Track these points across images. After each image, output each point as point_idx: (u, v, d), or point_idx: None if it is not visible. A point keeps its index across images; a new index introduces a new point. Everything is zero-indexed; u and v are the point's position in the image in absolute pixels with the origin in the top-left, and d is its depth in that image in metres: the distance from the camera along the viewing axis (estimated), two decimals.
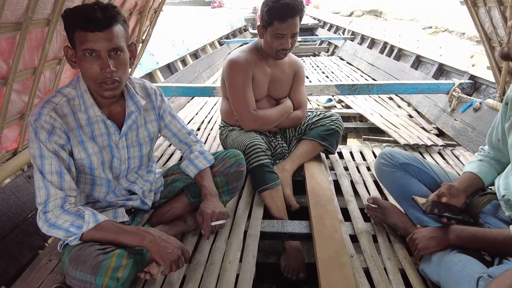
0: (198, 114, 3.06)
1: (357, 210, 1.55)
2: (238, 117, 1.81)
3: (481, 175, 1.28)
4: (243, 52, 1.79)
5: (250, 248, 1.33)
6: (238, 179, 1.46)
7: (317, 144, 1.90)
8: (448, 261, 1.03)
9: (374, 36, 4.93)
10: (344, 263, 1.18)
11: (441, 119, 2.60)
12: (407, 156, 1.40)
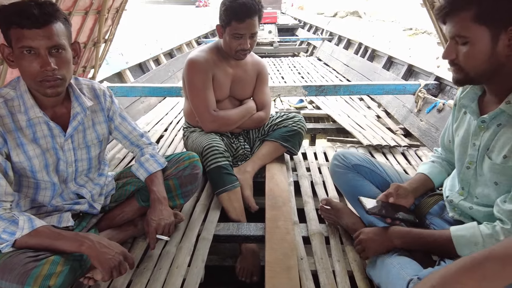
0: (168, 114, 3.02)
1: (313, 212, 1.54)
2: (198, 118, 1.78)
3: (431, 176, 1.30)
4: (203, 52, 1.77)
5: (200, 252, 1.30)
6: (193, 182, 1.44)
7: (279, 145, 1.89)
8: (388, 263, 1.03)
9: (350, 37, 4.98)
10: (292, 266, 1.17)
11: (408, 119, 2.63)
12: (359, 157, 1.41)
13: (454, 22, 0.90)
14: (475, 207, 1.05)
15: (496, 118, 0.95)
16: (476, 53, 0.89)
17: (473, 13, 0.86)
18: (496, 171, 0.97)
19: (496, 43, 0.86)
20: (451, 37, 0.93)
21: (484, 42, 0.87)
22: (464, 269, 0.65)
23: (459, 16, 0.88)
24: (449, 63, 0.96)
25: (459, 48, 0.92)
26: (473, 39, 0.88)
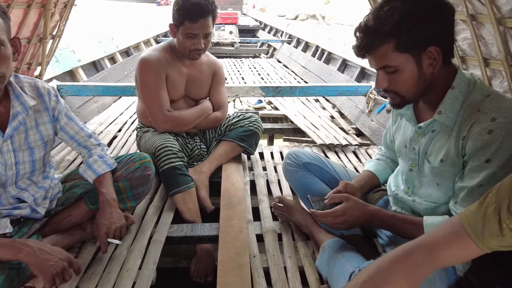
0: (123, 114, 2.93)
1: (267, 210, 1.57)
2: (151, 118, 1.75)
3: (377, 173, 1.37)
4: (156, 51, 1.74)
5: (152, 255, 1.28)
6: (144, 183, 1.40)
7: (235, 145, 1.90)
8: (334, 257, 1.08)
9: (308, 40, 5.11)
10: (244, 264, 1.18)
11: (360, 119, 2.76)
12: (310, 156, 1.46)
13: (377, 56, 0.93)
14: (418, 200, 1.13)
15: (430, 125, 1.02)
16: (406, 78, 0.93)
17: (393, 45, 0.89)
18: (436, 174, 1.03)
19: (421, 64, 0.91)
20: (378, 68, 0.96)
21: (411, 67, 0.91)
22: (397, 258, 0.70)
23: (381, 50, 0.91)
24: (384, 91, 0.99)
25: (389, 77, 0.95)
26: (400, 66, 0.91)
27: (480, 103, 0.91)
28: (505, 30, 1.13)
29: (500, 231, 0.61)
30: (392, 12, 0.87)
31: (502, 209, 0.61)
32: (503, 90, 1.31)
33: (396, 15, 0.86)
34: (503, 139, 0.86)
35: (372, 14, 0.90)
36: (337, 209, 1.09)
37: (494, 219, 0.62)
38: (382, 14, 0.88)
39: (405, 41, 0.88)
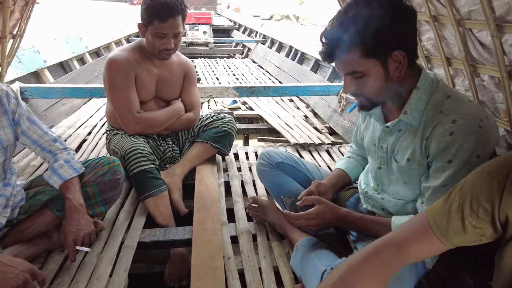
0: (92, 117, 2.84)
1: (242, 211, 1.56)
2: (120, 120, 1.70)
3: (348, 171, 1.39)
4: (124, 51, 1.69)
5: (123, 261, 1.24)
6: (114, 188, 1.36)
7: (209, 146, 1.88)
8: (308, 256, 1.08)
9: (281, 40, 5.15)
10: (217, 267, 1.17)
11: (333, 119, 2.80)
12: (282, 155, 1.46)
13: (344, 62, 0.93)
14: (387, 198, 1.15)
15: (396, 125, 1.04)
16: (373, 83, 0.94)
17: (359, 51, 0.89)
18: (403, 172, 1.06)
19: (387, 69, 0.93)
20: (345, 74, 0.96)
21: (378, 72, 0.93)
22: (366, 257, 0.71)
23: (347, 56, 0.91)
24: (352, 95, 1.01)
25: (356, 82, 0.96)
26: (367, 72, 0.92)
27: (441, 104, 0.95)
28: (464, 31, 1.18)
29: (463, 228, 0.63)
30: (357, 18, 0.87)
31: (465, 206, 0.63)
32: (464, 89, 1.36)
33: (361, 22, 0.87)
34: (463, 141, 0.89)
35: (337, 20, 0.90)
36: (310, 212, 1.10)
37: (457, 217, 0.64)
38: (346, 20, 0.88)
39: (371, 47, 0.89)
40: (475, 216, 0.62)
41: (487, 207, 0.61)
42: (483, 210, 0.61)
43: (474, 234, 0.63)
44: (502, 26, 1.01)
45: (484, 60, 1.18)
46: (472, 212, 0.62)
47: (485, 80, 1.24)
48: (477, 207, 0.62)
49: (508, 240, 0.61)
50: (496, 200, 0.60)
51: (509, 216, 0.59)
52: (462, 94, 0.98)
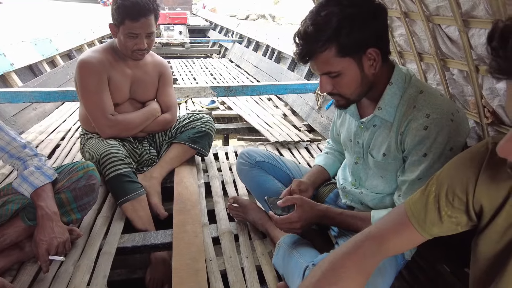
0: (66, 121, 2.75)
1: (223, 211, 1.55)
2: (94, 124, 1.65)
3: (326, 167, 1.40)
4: (96, 52, 1.64)
5: (102, 268, 1.21)
6: (89, 193, 1.32)
7: (188, 147, 1.85)
8: (289, 253, 1.08)
9: (258, 39, 5.15)
10: (199, 269, 1.15)
11: (311, 116, 2.82)
12: (262, 154, 1.46)
13: (319, 62, 0.93)
14: (365, 192, 1.17)
15: (371, 120, 1.06)
16: (349, 81, 0.95)
17: (334, 51, 0.89)
18: (379, 167, 1.08)
19: (362, 67, 0.93)
20: (321, 74, 0.96)
21: (353, 70, 0.93)
22: (347, 252, 0.71)
23: (322, 56, 0.91)
24: (329, 94, 1.01)
25: (332, 81, 0.96)
26: (342, 71, 0.93)
27: (415, 99, 0.96)
28: (433, 27, 1.21)
29: (439, 218, 0.65)
30: (330, 17, 0.87)
31: (441, 197, 0.64)
32: (436, 83, 1.40)
33: (335, 21, 0.87)
34: (436, 134, 0.91)
35: (310, 20, 0.90)
36: (293, 216, 1.09)
37: (434, 207, 0.65)
38: (320, 20, 0.88)
39: (345, 46, 0.89)
40: (451, 206, 0.64)
41: (462, 197, 0.62)
42: (458, 200, 0.63)
43: (450, 224, 0.65)
44: (468, 21, 1.05)
45: (453, 54, 1.22)
46: (448, 202, 0.64)
47: (455, 74, 1.27)
48: (452, 198, 0.63)
49: (482, 229, 0.63)
50: (470, 190, 0.61)
51: (483, 205, 0.61)
52: (434, 89, 1.00)
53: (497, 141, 0.60)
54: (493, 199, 0.59)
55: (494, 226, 0.60)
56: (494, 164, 0.59)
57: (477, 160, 0.61)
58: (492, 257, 0.60)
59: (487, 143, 0.62)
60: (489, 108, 1.18)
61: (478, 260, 0.64)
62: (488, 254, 0.61)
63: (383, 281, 0.96)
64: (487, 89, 1.14)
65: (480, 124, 1.26)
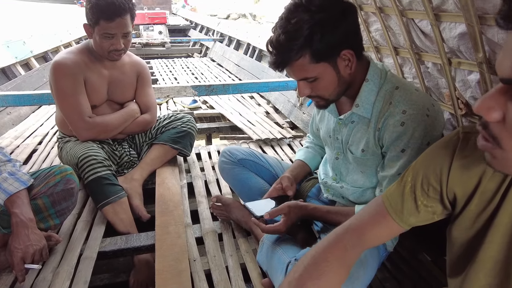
0: (43, 125, 2.67)
1: (206, 211, 1.54)
2: (71, 127, 1.61)
3: (307, 161, 1.41)
4: (71, 53, 1.60)
5: (83, 274, 1.18)
6: (68, 198, 1.29)
7: (169, 148, 1.83)
8: (272, 249, 1.09)
9: (239, 37, 5.13)
10: (183, 270, 1.14)
11: (293, 113, 2.83)
12: (244, 152, 1.46)
13: (294, 69, 0.93)
14: (345, 186, 1.18)
15: (349, 117, 1.06)
16: (326, 84, 0.95)
17: (308, 57, 0.89)
18: (359, 162, 1.09)
19: (338, 69, 0.94)
20: (298, 80, 0.96)
21: (329, 74, 0.93)
22: (329, 246, 0.72)
23: (297, 64, 0.90)
24: (308, 97, 1.01)
25: (310, 85, 0.96)
26: (319, 75, 0.93)
27: (391, 95, 0.98)
28: (407, 21, 1.23)
29: (416, 208, 0.66)
30: (301, 25, 0.86)
31: (416, 187, 0.65)
32: (412, 76, 1.43)
33: (306, 28, 0.86)
34: (413, 130, 0.93)
35: (281, 28, 0.89)
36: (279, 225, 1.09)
37: (410, 198, 0.66)
38: (290, 28, 0.87)
39: (319, 52, 0.89)
40: (426, 196, 0.65)
41: (436, 186, 0.63)
42: (433, 189, 0.64)
43: (426, 213, 0.66)
44: (439, 15, 1.07)
45: (427, 48, 1.24)
46: (423, 192, 0.65)
47: (429, 67, 1.30)
48: (427, 187, 0.64)
49: (456, 216, 0.64)
50: (444, 179, 0.62)
51: (456, 194, 0.62)
52: (409, 84, 1.02)
53: (467, 130, 0.62)
54: (465, 187, 0.60)
55: (466, 213, 0.61)
56: (465, 153, 0.60)
57: (449, 149, 0.62)
58: (466, 242, 0.62)
59: (458, 132, 0.63)
60: (463, 100, 1.21)
61: (453, 246, 0.66)
62: (462, 240, 0.63)
63: (365, 273, 0.97)
64: (460, 81, 1.18)
65: (455, 116, 1.29)
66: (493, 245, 0.57)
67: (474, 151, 0.59)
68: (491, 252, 0.57)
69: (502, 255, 0.56)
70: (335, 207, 1.17)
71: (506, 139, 0.44)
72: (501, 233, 0.56)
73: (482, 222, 0.59)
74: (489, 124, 0.45)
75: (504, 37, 0.92)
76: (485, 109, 0.44)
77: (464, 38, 1.04)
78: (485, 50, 1.00)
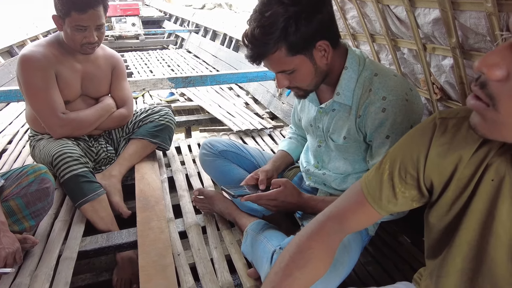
0: (12, 123, 2.55)
1: (189, 205, 1.52)
2: (43, 124, 1.54)
3: (290, 151, 1.42)
4: (40, 46, 1.52)
5: (63, 275, 1.14)
6: (43, 198, 1.24)
7: (147, 142, 1.79)
8: (257, 239, 1.09)
9: (215, 28, 5.05)
10: (167, 265, 1.13)
11: (272, 103, 2.83)
12: (225, 143, 1.44)
13: (271, 62, 0.93)
14: (327, 173, 1.19)
15: (330, 105, 1.07)
16: (304, 75, 0.96)
17: (284, 50, 0.89)
18: (341, 150, 1.10)
19: (314, 60, 0.94)
20: (276, 72, 0.97)
21: (306, 65, 0.94)
22: (312, 233, 0.72)
23: (274, 57, 0.91)
24: (287, 88, 1.02)
25: (288, 77, 0.97)
26: (296, 67, 0.93)
27: (370, 82, 0.99)
28: (383, 7, 1.24)
29: (394, 195, 0.66)
30: (275, 18, 0.86)
31: (394, 175, 0.65)
32: (389, 63, 1.45)
33: (280, 21, 0.86)
34: (395, 115, 0.94)
35: (255, 22, 0.89)
36: (272, 193, 1.08)
37: (388, 185, 0.66)
38: (265, 21, 0.87)
39: (294, 45, 0.89)
40: (404, 183, 0.64)
41: (413, 174, 0.63)
42: (410, 176, 0.64)
43: (405, 200, 0.66)
44: (413, 1, 1.08)
45: (403, 34, 1.26)
46: (401, 179, 0.65)
47: (405, 53, 1.32)
48: (404, 175, 0.64)
49: (433, 203, 0.65)
50: (421, 166, 0.62)
51: (433, 181, 0.62)
52: (388, 70, 1.03)
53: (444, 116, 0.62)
54: (442, 175, 0.60)
55: (443, 199, 0.61)
56: (442, 140, 0.60)
57: (426, 136, 0.62)
58: (443, 228, 0.63)
59: (435, 118, 0.62)
60: (437, 85, 1.24)
61: (431, 231, 0.67)
62: (439, 226, 0.64)
63: (349, 258, 0.99)
64: (435, 67, 1.20)
65: (431, 101, 1.32)
66: (468, 230, 0.58)
67: (451, 138, 0.59)
68: (467, 238, 0.58)
69: (477, 241, 0.57)
70: (331, 196, 1.17)
71: (504, 101, 0.42)
72: (476, 218, 0.56)
73: (458, 209, 0.59)
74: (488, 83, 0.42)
75: (476, 22, 0.94)
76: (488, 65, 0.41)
77: (438, 24, 1.06)
78: (458, 35, 1.02)
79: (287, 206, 1.11)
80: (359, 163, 1.11)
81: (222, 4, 11.36)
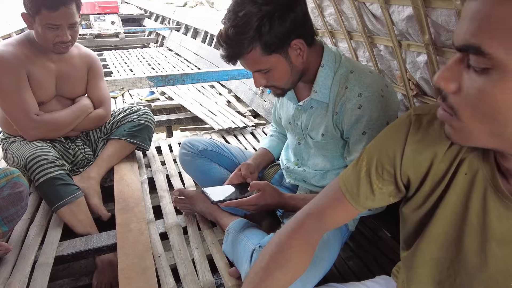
0: None
1: (169, 205, 1.50)
2: (16, 126, 1.49)
3: (271, 149, 1.42)
4: (9, 46, 1.47)
5: (38, 282, 1.11)
6: (16, 202, 1.20)
7: (126, 142, 1.76)
8: (237, 238, 1.08)
9: (196, 25, 5.01)
10: (148, 267, 1.11)
11: (255, 101, 2.83)
12: (205, 142, 1.43)
13: (247, 62, 0.94)
14: (307, 170, 1.20)
15: (308, 103, 1.07)
16: (280, 74, 0.96)
17: (259, 50, 0.89)
18: (319, 147, 1.10)
19: (290, 59, 0.94)
20: (253, 71, 0.97)
21: (282, 64, 0.94)
22: (292, 231, 0.72)
23: (249, 57, 0.91)
24: (264, 87, 1.02)
25: (265, 76, 0.97)
26: (272, 67, 0.93)
27: (346, 79, 0.99)
28: (359, 5, 1.25)
29: (371, 192, 0.66)
30: (249, 18, 0.85)
31: (371, 171, 0.66)
32: (366, 60, 1.47)
33: (254, 21, 0.85)
34: (371, 112, 0.95)
35: (229, 21, 0.88)
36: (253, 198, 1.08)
37: (366, 181, 0.66)
38: (239, 21, 0.86)
39: (269, 44, 0.89)
40: (381, 179, 0.65)
41: (390, 170, 0.64)
42: (387, 173, 0.64)
43: (382, 196, 0.67)
44: None
45: (379, 31, 1.27)
46: (378, 175, 0.65)
47: (382, 50, 1.34)
48: (381, 171, 0.65)
49: (410, 197, 0.66)
50: (397, 163, 0.63)
51: (410, 177, 0.63)
52: (363, 67, 1.04)
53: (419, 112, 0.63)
54: (418, 171, 0.61)
55: (419, 193, 0.63)
56: (417, 137, 0.61)
57: (402, 133, 0.63)
58: (417, 220, 0.64)
59: (410, 115, 0.63)
60: (413, 81, 1.26)
61: (405, 223, 0.68)
62: (413, 218, 0.65)
63: (329, 254, 1.00)
64: (410, 63, 1.22)
65: (407, 97, 1.34)
66: (442, 221, 0.59)
67: (426, 134, 0.60)
68: (441, 228, 0.60)
69: (452, 231, 0.59)
70: (311, 194, 1.18)
71: (462, 110, 0.45)
72: (449, 210, 0.58)
73: (432, 201, 0.61)
74: (448, 95, 0.46)
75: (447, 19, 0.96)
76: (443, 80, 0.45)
77: (412, 21, 1.07)
78: (430, 32, 1.04)
79: (269, 207, 1.12)
80: (337, 160, 1.12)
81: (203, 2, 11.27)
